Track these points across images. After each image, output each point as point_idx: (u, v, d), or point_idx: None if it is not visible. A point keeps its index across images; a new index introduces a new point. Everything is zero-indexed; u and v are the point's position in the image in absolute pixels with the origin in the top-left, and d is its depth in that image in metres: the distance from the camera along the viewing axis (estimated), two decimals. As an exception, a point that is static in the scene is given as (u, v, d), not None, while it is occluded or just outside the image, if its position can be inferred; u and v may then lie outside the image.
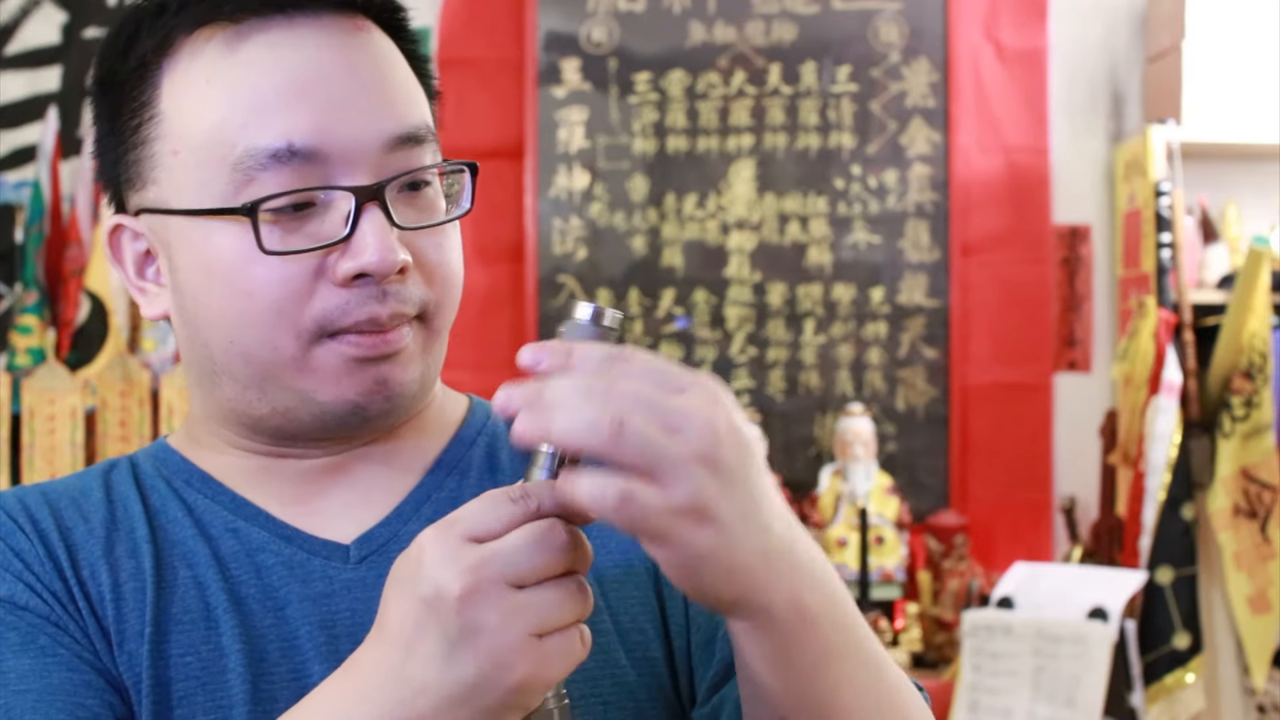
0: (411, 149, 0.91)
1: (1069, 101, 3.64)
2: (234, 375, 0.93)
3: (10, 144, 3.52)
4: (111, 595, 0.91)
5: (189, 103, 0.90)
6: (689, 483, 0.71)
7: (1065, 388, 3.63)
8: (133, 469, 0.99)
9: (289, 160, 0.88)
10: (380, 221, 0.88)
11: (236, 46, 0.90)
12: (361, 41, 0.92)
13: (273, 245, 0.88)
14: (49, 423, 3.19)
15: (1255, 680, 3.19)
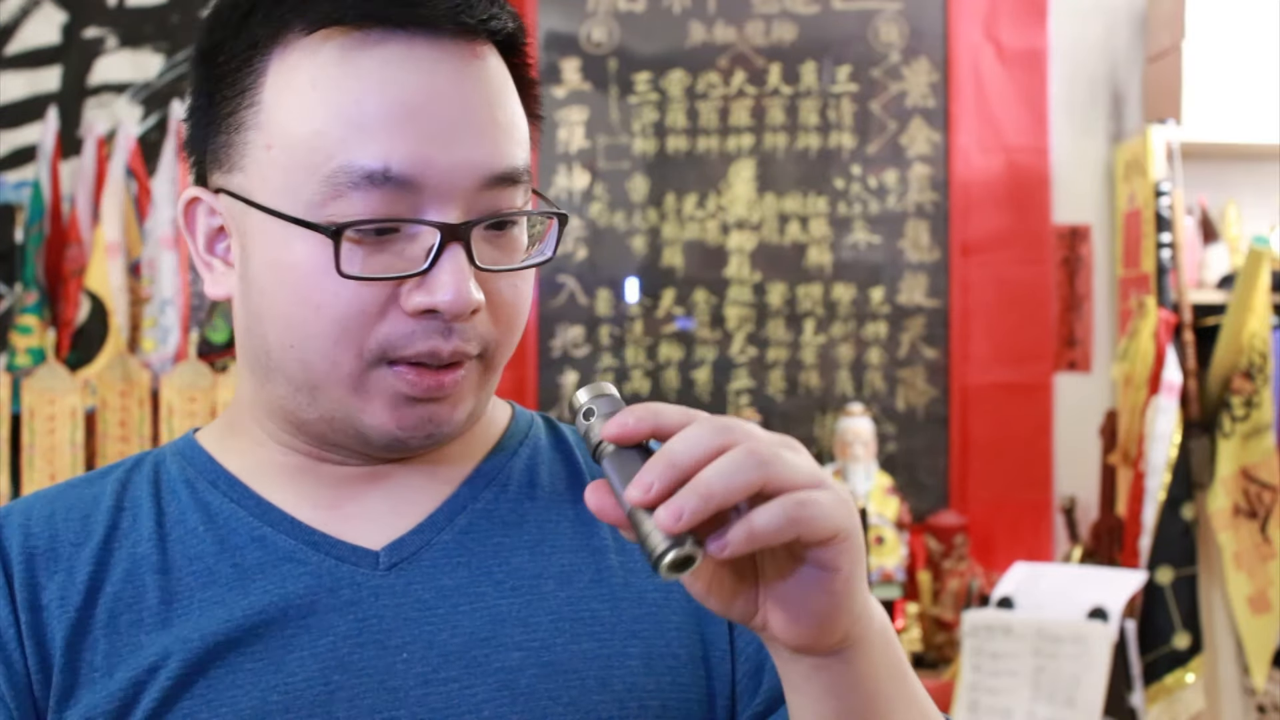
0: (505, 189, 0.90)
1: (1069, 101, 3.64)
2: (288, 376, 0.91)
3: (10, 144, 3.52)
4: (104, 621, 0.90)
5: (292, 101, 0.88)
6: (842, 513, 0.74)
7: (1065, 388, 3.63)
8: (156, 470, 0.98)
9: (382, 184, 0.86)
10: (460, 261, 0.87)
11: (351, 56, 0.88)
12: (476, 70, 0.89)
13: (351, 267, 0.87)
14: (49, 423, 3.19)
15: (1255, 680, 3.19)
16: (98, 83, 3.52)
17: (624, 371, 3.65)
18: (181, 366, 3.23)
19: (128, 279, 3.28)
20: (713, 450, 0.72)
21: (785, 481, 0.72)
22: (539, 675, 0.91)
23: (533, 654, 0.91)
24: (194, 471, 0.97)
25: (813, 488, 0.73)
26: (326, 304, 0.88)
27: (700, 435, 0.72)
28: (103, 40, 3.53)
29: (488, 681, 0.90)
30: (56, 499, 0.96)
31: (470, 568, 0.94)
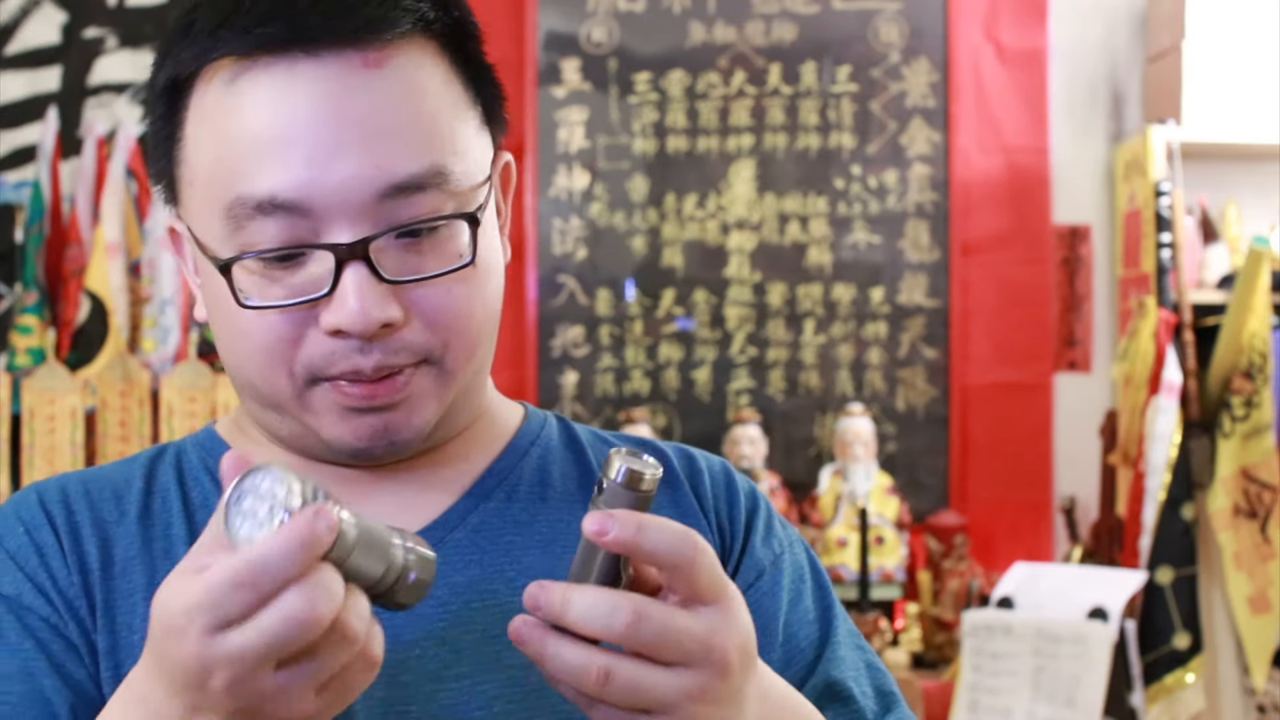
0: (410, 196, 0.87)
1: (1069, 101, 3.64)
2: (251, 396, 0.94)
3: (10, 144, 3.52)
4: (144, 594, 0.91)
5: (200, 136, 0.90)
6: (681, 716, 0.76)
7: (1065, 388, 3.63)
8: (178, 459, 0.99)
9: (274, 212, 0.86)
10: (362, 279, 0.86)
11: (235, 86, 0.88)
12: (365, 81, 0.87)
13: (253, 294, 0.88)
14: (49, 423, 3.19)
15: (1255, 680, 3.19)
16: (98, 83, 3.52)
17: (624, 371, 3.65)
18: (181, 366, 3.23)
19: (128, 279, 3.28)
20: (606, 630, 0.75)
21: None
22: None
23: None
24: (214, 462, 0.98)
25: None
26: (249, 331, 0.89)
27: (604, 611, 0.75)
28: (103, 40, 3.53)
29: (497, 679, 0.91)
30: (88, 479, 0.97)
31: (482, 566, 0.94)
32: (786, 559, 1.02)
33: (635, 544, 0.75)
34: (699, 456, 1.05)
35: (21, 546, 0.92)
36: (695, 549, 0.76)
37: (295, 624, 0.69)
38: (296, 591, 0.69)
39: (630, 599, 0.75)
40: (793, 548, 1.04)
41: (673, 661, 0.75)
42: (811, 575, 1.03)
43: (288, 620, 0.69)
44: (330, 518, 0.70)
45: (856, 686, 0.98)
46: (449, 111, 0.91)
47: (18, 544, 0.92)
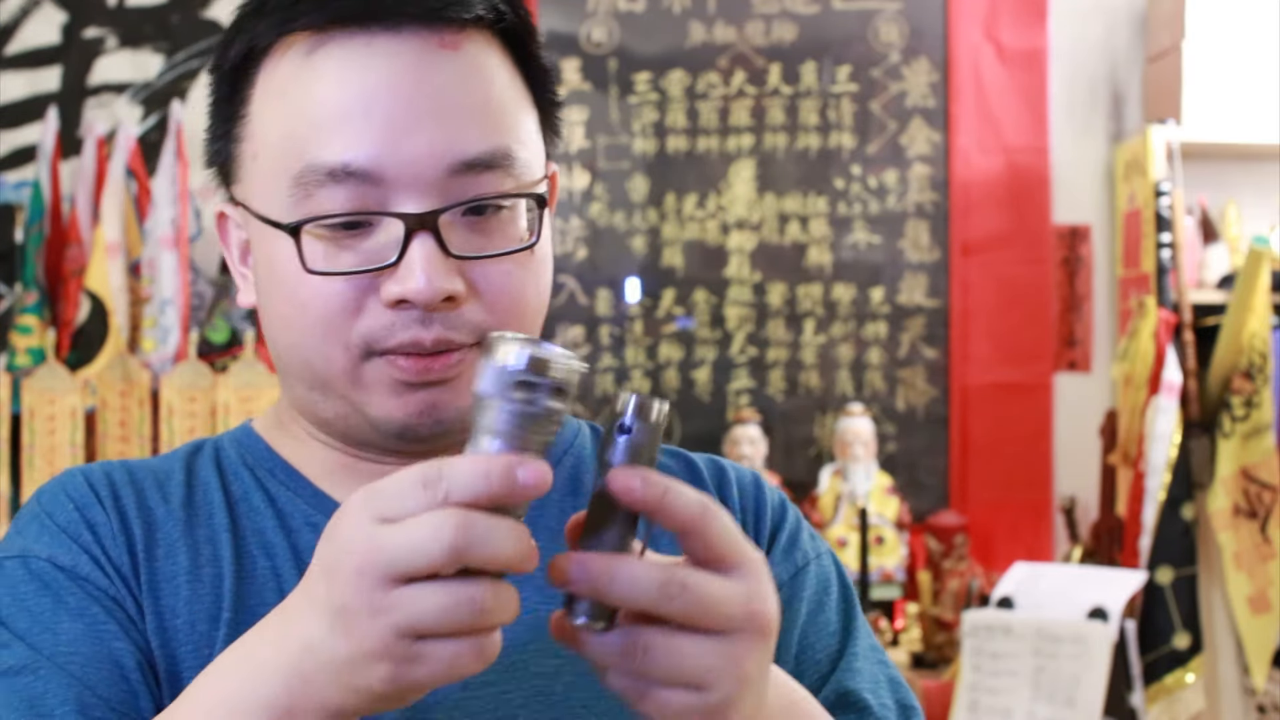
0: (479, 175, 0.89)
1: (1069, 101, 3.64)
2: (298, 376, 0.94)
3: (10, 144, 3.52)
4: (188, 576, 0.92)
5: (269, 109, 0.91)
6: (730, 689, 0.73)
7: (1065, 388, 3.63)
8: (216, 454, 1.00)
9: (345, 180, 0.87)
10: (429, 250, 0.87)
11: (312, 58, 0.89)
12: (441, 60, 0.89)
13: (318, 263, 0.88)
14: (49, 423, 3.19)
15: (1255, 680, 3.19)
16: (98, 83, 3.52)
17: (624, 371, 3.65)
18: (181, 366, 3.23)
19: (128, 279, 3.28)
20: (652, 604, 0.72)
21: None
22: (573, 683, 0.91)
23: (569, 661, 0.90)
24: (253, 459, 0.99)
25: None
26: (308, 302, 0.89)
27: (651, 584, 0.72)
28: (103, 40, 3.53)
29: (524, 687, 0.91)
30: (130, 466, 0.98)
31: (515, 577, 0.94)
32: (811, 571, 1.02)
33: (660, 504, 0.73)
34: (729, 468, 1.05)
35: (73, 522, 0.93)
36: (714, 513, 0.74)
37: (442, 537, 0.68)
38: (484, 518, 0.68)
39: (673, 568, 0.72)
40: (820, 559, 1.03)
41: (716, 629, 0.73)
42: (838, 589, 1.02)
43: (439, 538, 0.67)
44: (538, 473, 0.69)
45: (874, 698, 0.97)
46: (514, 103, 0.93)
47: (69, 519, 0.93)
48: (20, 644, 0.87)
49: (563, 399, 0.71)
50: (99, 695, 0.86)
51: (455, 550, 0.67)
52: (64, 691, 0.85)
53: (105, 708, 0.86)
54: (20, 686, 0.85)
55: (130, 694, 0.87)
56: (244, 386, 3.23)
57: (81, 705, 0.85)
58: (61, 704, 0.85)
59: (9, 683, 0.86)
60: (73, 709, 0.84)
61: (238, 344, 3.31)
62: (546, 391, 0.70)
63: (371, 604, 0.69)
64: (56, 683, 0.85)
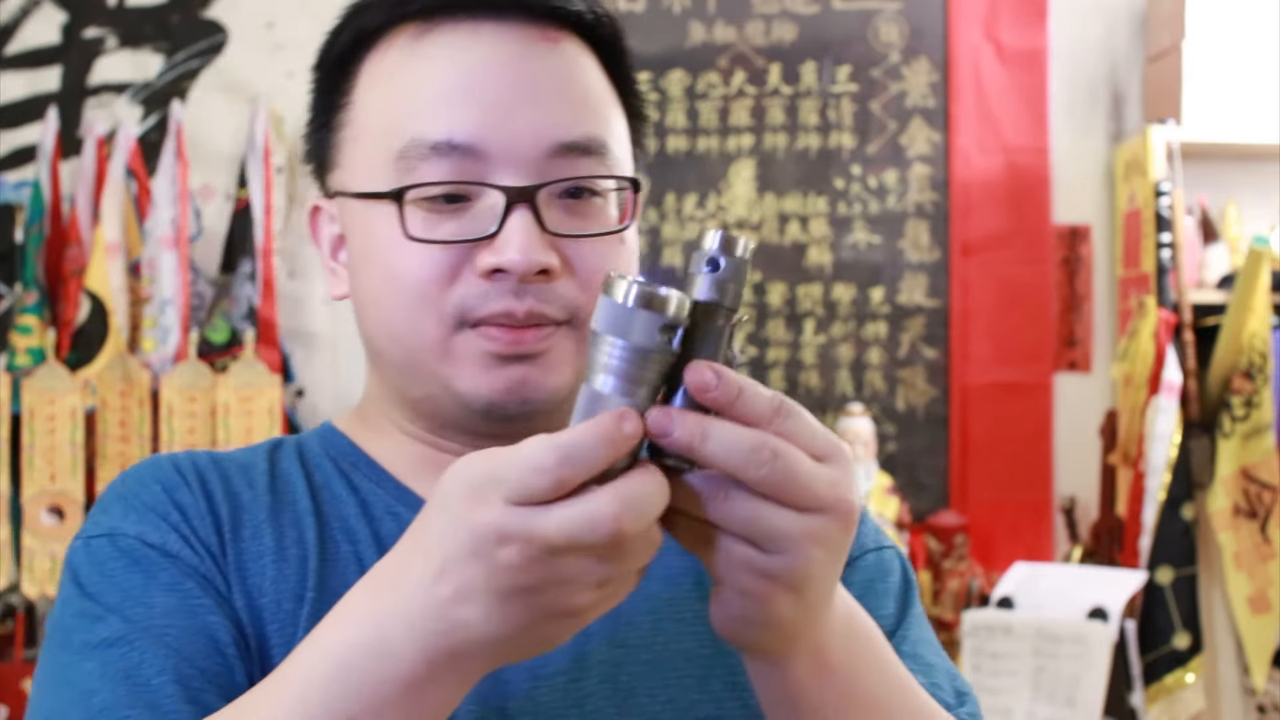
0: (578, 158, 0.93)
1: (1069, 101, 3.64)
2: (388, 357, 0.96)
3: (10, 144, 3.51)
4: (274, 556, 0.93)
5: (374, 94, 0.95)
6: (799, 560, 0.72)
7: (1065, 388, 3.63)
8: (299, 449, 1.01)
9: (448, 154, 0.91)
10: (527, 222, 0.90)
11: (420, 43, 0.94)
12: (544, 51, 0.93)
13: (418, 232, 0.91)
14: (49, 423, 3.19)
15: (1255, 680, 3.19)
16: (98, 83, 3.52)
17: (624, 371, 3.65)
18: (181, 366, 3.23)
19: (128, 279, 3.28)
20: (740, 466, 0.71)
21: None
22: (640, 672, 0.92)
23: (635, 651, 0.93)
24: (336, 453, 1.01)
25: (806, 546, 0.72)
26: (404, 272, 0.91)
27: (743, 445, 0.71)
28: (103, 40, 3.53)
29: (592, 676, 0.92)
30: (216, 455, 0.99)
31: None
32: (868, 560, 1.01)
33: (733, 405, 0.71)
34: None
35: (160, 502, 0.94)
36: (790, 409, 0.73)
37: (604, 526, 0.67)
38: (616, 491, 0.68)
39: (768, 436, 0.71)
40: (881, 551, 1.03)
41: (803, 505, 0.72)
42: (899, 581, 1.01)
43: (596, 520, 0.67)
44: (635, 424, 0.69)
45: (925, 677, 0.94)
46: (607, 103, 0.97)
47: (155, 499, 0.94)
48: (114, 616, 0.88)
49: (674, 335, 0.71)
50: (196, 666, 0.86)
51: (618, 535, 0.68)
52: (161, 661, 0.85)
53: (202, 679, 0.86)
54: (116, 657, 0.85)
55: (226, 667, 0.87)
56: (244, 386, 3.23)
57: (179, 675, 0.85)
58: (159, 674, 0.85)
59: (104, 654, 0.86)
60: (170, 678, 0.85)
61: (238, 344, 3.31)
62: (659, 327, 0.70)
63: (541, 584, 0.69)
64: (153, 653, 0.85)
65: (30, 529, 3.19)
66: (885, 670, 0.83)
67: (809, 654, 0.77)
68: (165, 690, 0.84)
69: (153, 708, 0.83)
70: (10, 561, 3.21)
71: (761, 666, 0.79)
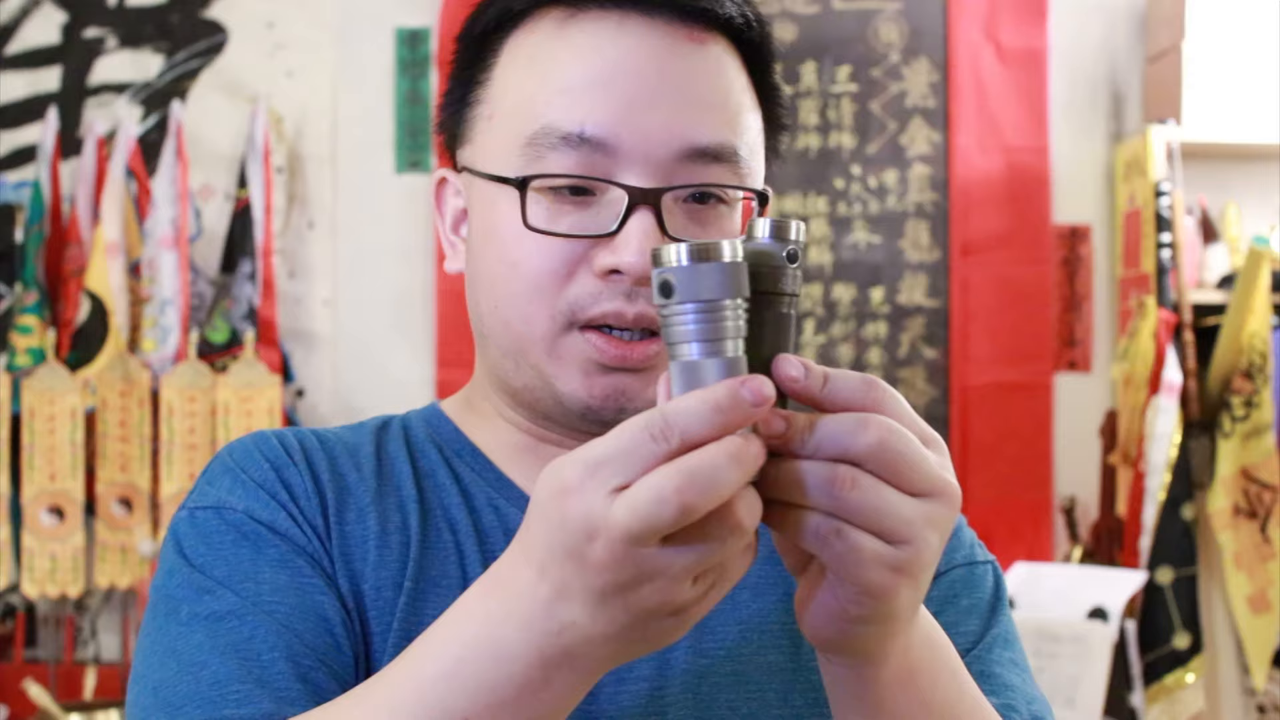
0: (707, 165, 0.91)
1: (1069, 101, 3.64)
2: (496, 340, 0.95)
3: (10, 144, 3.52)
4: (377, 541, 0.93)
5: (513, 74, 0.94)
6: (922, 548, 0.69)
7: (1065, 388, 3.63)
8: (405, 431, 1.01)
9: (579, 146, 0.89)
10: (648, 225, 0.89)
11: (565, 29, 0.92)
12: (688, 51, 0.92)
13: (540, 222, 0.90)
14: (49, 423, 3.19)
15: (1255, 680, 3.19)
16: (98, 83, 3.52)
17: (624, 371, 3.65)
18: (181, 366, 3.23)
19: (128, 279, 3.29)
20: (849, 443, 0.68)
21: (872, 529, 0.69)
22: (722, 683, 0.91)
23: (718, 662, 0.92)
24: (441, 439, 1.00)
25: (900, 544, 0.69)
26: (522, 261, 0.91)
27: (864, 430, 0.68)
28: (103, 40, 3.53)
29: (675, 684, 0.91)
30: (320, 434, 0.99)
31: None
32: (956, 574, 0.98)
33: (821, 395, 0.70)
34: None
35: (269, 480, 0.93)
36: (883, 391, 0.71)
37: (669, 503, 0.64)
38: (678, 465, 0.65)
39: (875, 416, 0.69)
40: (973, 567, 1.00)
41: (920, 489, 0.69)
42: (989, 597, 0.99)
43: (661, 495, 0.64)
44: (760, 390, 0.65)
45: (1001, 697, 0.91)
46: (747, 110, 0.95)
47: (264, 476, 0.94)
48: (224, 590, 0.87)
49: (739, 282, 0.68)
50: (305, 643, 0.86)
51: (687, 508, 0.64)
52: (273, 638, 0.85)
53: (312, 656, 0.85)
54: (226, 630, 0.85)
55: (335, 646, 0.87)
56: (244, 386, 3.23)
57: (290, 652, 0.85)
58: (270, 649, 0.84)
59: (213, 627, 0.85)
60: (282, 655, 0.84)
61: (237, 344, 3.31)
62: (720, 278, 0.67)
63: (640, 576, 0.66)
64: (265, 628, 0.85)
65: (30, 529, 3.19)
66: (961, 682, 0.81)
67: (897, 657, 0.75)
68: (276, 666, 0.84)
69: (264, 684, 0.83)
70: (10, 561, 3.21)
71: (848, 673, 0.76)
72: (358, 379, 3.50)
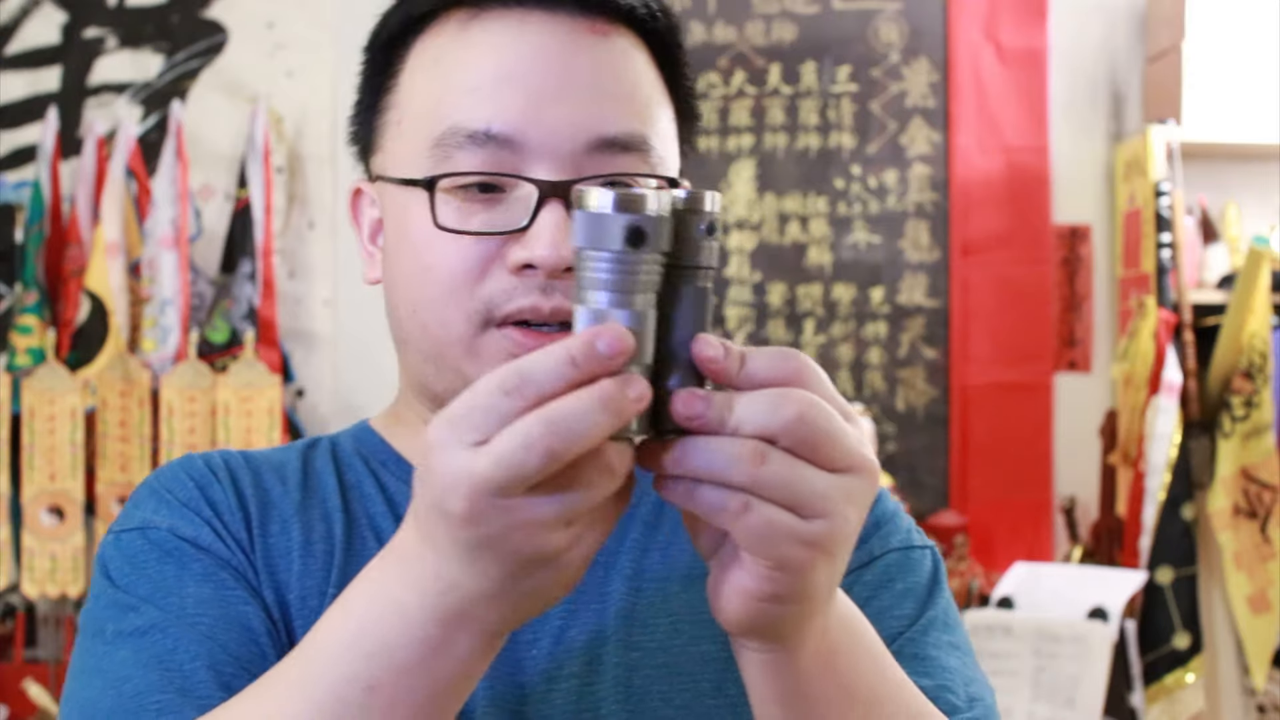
0: (616, 155, 0.91)
1: (1069, 101, 3.64)
2: (415, 345, 0.95)
3: (10, 144, 3.51)
4: (301, 551, 0.94)
5: (418, 79, 0.94)
6: (838, 522, 0.68)
7: (1065, 388, 3.63)
8: (332, 447, 1.02)
9: (485, 144, 0.90)
10: (559, 218, 0.88)
11: (467, 30, 0.93)
12: (590, 43, 0.92)
13: (450, 222, 0.90)
14: (49, 423, 3.18)
15: (1255, 680, 3.19)
16: (98, 83, 3.52)
17: (624, 371, 3.65)
18: (181, 366, 3.23)
19: (128, 279, 3.29)
20: (778, 425, 0.67)
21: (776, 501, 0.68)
22: (654, 676, 0.91)
23: (649, 654, 0.91)
24: (367, 451, 1.01)
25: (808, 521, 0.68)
26: (435, 263, 0.91)
27: (780, 408, 0.67)
28: (103, 40, 3.53)
29: (606, 680, 0.91)
30: (247, 454, 1.00)
31: (605, 565, 0.94)
32: (890, 559, 0.97)
33: (738, 375, 0.68)
34: None
35: (194, 498, 0.94)
36: (802, 363, 0.70)
37: (535, 450, 0.64)
38: (540, 414, 0.64)
39: (795, 392, 0.67)
40: (909, 551, 0.99)
41: (838, 464, 0.68)
42: (926, 581, 0.97)
43: (528, 444, 0.64)
44: (614, 342, 0.64)
45: (935, 679, 0.90)
46: (656, 101, 0.95)
47: (188, 495, 0.94)
48: (147, 606, 0.88)
49: (660, 236, 0.67)
50: (229, 653, 0.86)
51: (552, 455, 0.64)
52: (195, 648, 0.85)
53: (235, 665, 0.86)
54: (149, 644, 0.86)
55: (260, 655, 0.88)
56: (244, 386, 3.23)
57: (212, 661, 0.85)
58: (193, 659, 0.85)
59: (136, 642, 0.86)
60: (204, 664, 0.85)
61: (238, 344, 3.31)
62: (641, 230, 0.66)
63: (509, 526, 0.66)
64: (188, 640, 0.86)
65: (30, 529, 3.19)
66: (883, 666, 0.80)
67: (815, 639, 0.74)
68: (198, 675, 0.84)
69: (185, 692, 0.83)
70: (10, 561, 3.21)
71: (765, 659, 0.75)
72: (358, 379, 3.50)
